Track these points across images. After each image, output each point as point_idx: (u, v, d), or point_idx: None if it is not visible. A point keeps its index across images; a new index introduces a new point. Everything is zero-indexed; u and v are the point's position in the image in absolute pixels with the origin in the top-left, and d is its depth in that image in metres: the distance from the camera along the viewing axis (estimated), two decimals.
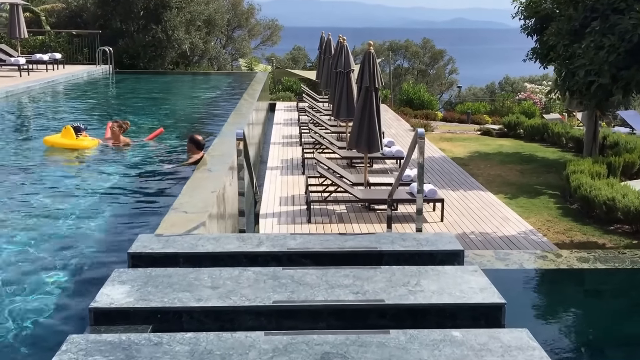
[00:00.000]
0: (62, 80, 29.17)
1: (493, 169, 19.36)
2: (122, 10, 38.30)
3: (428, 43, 69.79)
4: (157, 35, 38.28)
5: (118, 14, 38.59)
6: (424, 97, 36.89)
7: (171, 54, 39.89)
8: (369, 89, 14.31)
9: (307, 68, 56.14)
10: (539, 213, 14.96)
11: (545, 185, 17.59)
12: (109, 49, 34.20)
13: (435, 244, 6.40)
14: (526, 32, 19.87)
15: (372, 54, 14.42)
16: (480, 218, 14.26)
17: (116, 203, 11.39)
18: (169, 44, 38.83)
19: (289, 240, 6.30)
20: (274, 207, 14.79)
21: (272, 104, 32.63)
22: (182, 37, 38.98)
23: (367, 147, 14.60)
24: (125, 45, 38.30)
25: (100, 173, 13.74)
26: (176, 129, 19.42)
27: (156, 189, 12.55)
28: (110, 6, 38.39)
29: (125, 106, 24.99)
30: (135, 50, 38.13)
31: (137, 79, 34.22)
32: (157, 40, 38.46)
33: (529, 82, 58.00)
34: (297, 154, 20.50)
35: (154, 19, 38.51)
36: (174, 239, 6.31)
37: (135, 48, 38.15)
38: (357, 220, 13.89)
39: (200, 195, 8.59)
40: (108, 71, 34.30)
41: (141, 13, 38.89)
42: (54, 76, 29.11)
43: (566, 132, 23.24)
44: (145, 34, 38.69)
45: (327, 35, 26.22)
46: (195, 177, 9.80)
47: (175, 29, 38.46)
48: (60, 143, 15.79)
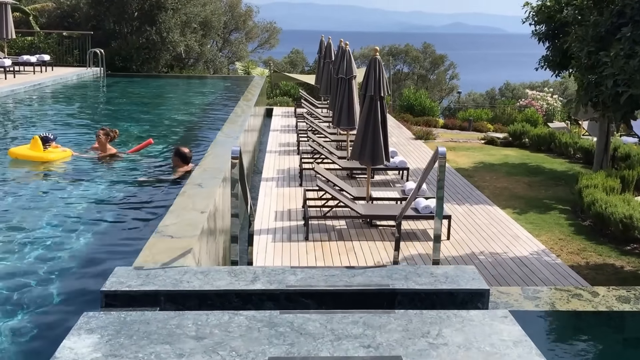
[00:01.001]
0: (49, 83, 28.29)
1: (499, 181, 18.63)
2: (115, 11, 37.57)
3: (429, 48, 69.10)
4: (152, 37, 37.55)
5: (111, 15, 37.85)
6: (425, 104, 36.21)
7: (165, 57, 39.16)
8: (374, 97, 13.56)
9: (306, 72, 55.45)
10: (550, 230, 14.22)
11: (555, 200, 16.86)
12: (100, 51, 33.39)
13: (455, 280, 5.65)
14: (538, 38, 19.12)
15: (377, 61, 13.66)
16: (489, 236, 13.51)
17: (90, 227, 10.32)
18: (163, 46, 38.09)
19: (288, 276, 5.54)
20: (269, 222, 14.03)
21: (269, 109, 31.87)
22: (177, 39, 38.25)
23: (371, 159, 13.84)
24: (118, 47, 37.57)
25: (72, 190, 12.61)
26: (166, 138, 18.63)
27: (139, 209, 11.59)
28: (103, 6, 37.64)
29: (114, 112, 24.05)
30: (129, 53, 37.36)
31: (129, 82, 33.40)
32: (151, 42, 37.74)
33: (529, 88, 57.45)
34: (294, 163, 19.74)
35: (149, 20, 37.77)
36: (156, 273, 5.54)
37: (128, 50, 37.39)
38: (358, 238, 13.13)
39: (188, 216, 7.83)
40: (99, 74, 33.48)
41: (135, 14, 38.18)
42: (41, 79, 28.24)
43: (574, 143, 22.52)
44: (139, 36, 37.97)
45: (327, 39, 25.51)
46: (184, 193, 9.03)
47: (170, 31, 37.72)
48: (26, 155, 14.56)
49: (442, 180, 6.54)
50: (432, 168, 7.09)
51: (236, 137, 14.23)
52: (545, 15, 18.46)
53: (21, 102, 24.07)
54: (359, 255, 12.10)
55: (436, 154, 6.63)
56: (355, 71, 17.99)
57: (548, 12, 18.40)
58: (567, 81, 61.06)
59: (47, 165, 14.47)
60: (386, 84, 13.79)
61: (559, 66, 18.82)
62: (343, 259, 11.92)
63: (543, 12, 18.59)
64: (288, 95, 37.30)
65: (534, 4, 19.22)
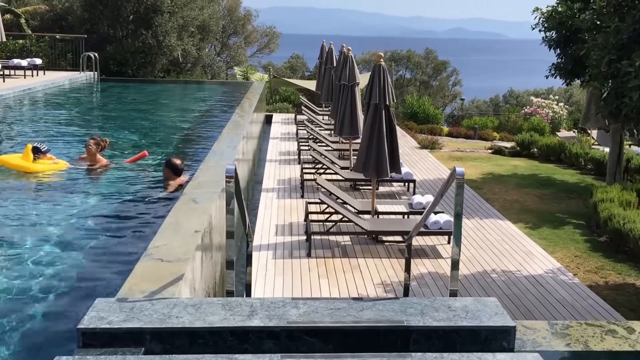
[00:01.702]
0: (40, 87, 27.68)
1: (509, 194, 18.12)
2: (110, 14, 37.00)
3: (431, 54, 68.65)
4: (147, 41, 36.99)
5: (106, 18, 37.28)
6: (429, 111, 35.75)
7: (162, 61, 38.61)
8: (379, 106, 13.04)
9: (306, 77, 55.00)
10: (565, 247, 13.70)
11: (568, 214, 16.35)
12: (94, 55, 32.83)
13: (477, 315, 5.11)
14: (548, 44, 18.59)
15: (382, 67, 13.14)
16: (501, 252, 12.99)
17: (73, 247, 9.72)
18: (159, 50, 37.54)
19: (289, 309, 5.01)
20: (269, 237, 13.50)
21: (268, 116, 31.36)
22: (174, 43, 37.68)
23: (376, 171, 13.32)
24: (113, 50, 37.03)
25: (57, 205, 11.96)
26: (160, 147, 18.10)
27: (127, 227, 11.01)
28: (97, 9, 37.04)
29: (106, 118, 23.47)
30: (124, 57, 36.80)
31: (124, 87, 32.84)
32: (147, 46, 37.17)
33: (534, 95, 57.05)
34: (295, 173, 19.23)
35: (144, 23, 37.24)
36: (141, 306, 5.01)
37: (123, 54, 36.84)
38: (363, 254, 12.61)
39: (180, 236, 7.30)
40: (92, 78, 32.91)
41: (130, 17, 37.66)
42: (31, 83, 27.63)
43: (585, 153, 22.00)
44: (134, 40, 37.43)
45: (329, 45, 25.01)
46: (177, 210, 8.49)
47: (167, 35, 37.17)
48: (14, 164, 13.96)
49: (461, 203, 6.01)
50: (449, 188, 6.54)
51: (234, 147, 13.69)
52: (556, 22, 17.94)
53: (9, 108, 23.46)
54: (365, 274, 11.58)
55: (453, 173, 6.09)
56: (358, 78, 17.50)
57: (559, 18, 17.87)
58: (572, 88, 60.68)
59: (34, 176, 13.84)
60: (392, 91, 13.28)
61: (570, 74, 18.29)
62: (348, 277, 11.40)
63: (554, 18, 18.07)
64: (288, 101, 36.81)
65: (544, 10, 18.70)
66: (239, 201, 6.42)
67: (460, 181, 5.95)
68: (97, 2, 36.89)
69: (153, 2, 36.81)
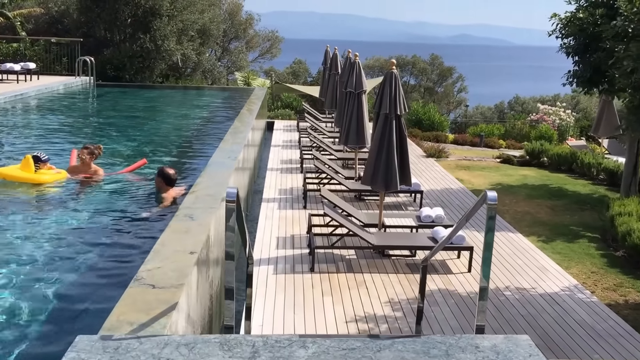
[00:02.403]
0: (33, 93, 27.12)
1: (520, 205, 17.60)
2: (107, 17, 36.49)
3: (436, 59, 68.16)
4: (145, 45, 36.47)
5: (102, 21, 36.77)
6: (434, 118, 35.20)
7: (160, 66, 38.11)
8: (389, 116, 12.52)
9: (308, 83, 54.51)
10: (581, 262, 13.17)
11: (582, 226, 15.82)
12: (89, 59, 32.31)
13: (509, 357, 4.57)
14: (566, 52, 18.03)
15: (394, 75, 12.61)
16: (513, 268, 12.47)
17: (60, 269, 9.14)
18: (158, 54, 37.04)
19: (296, 350, 4.47)
20: (269, 250, 12.99)
21: (269, 123, 30.85)
22: (173, 47, 37.17)
23: (384, 184, 12.80)
24: (110, 55, 36.52)
25: (48, 219, 11.44)
26: (157, 156, 17.59)
27: (121, 245, 10.43)
28: (94, 12, 36.53)
29: (101, 125, 22.91)
30: (121, 61, 36.30)
31: (121, 92, 32.31)
32: (145, 50, 36.66)
33: (540, 102, 56.57)
34: (297, 182, 18.72)
35: (143, 27, 36.75)
36: (127, 345, 4.48)
37: (120, 58, 36.34)
38: (369, 269, 12.10)
39: (174, 258, 6.79)
40: (88, 83, 32.38)
41: (128, 21, 37.18)
42: (24, 88, 27.09)
43: (598, 163, 21.45)
44: (132, 44, 36.92)
45: (333, 50, 24.52)
46: (171, 228, 7.97)
47: (166, 39, 36.66)
48: (16, 177, 13.41)
49: (491, 232, 5.44)
50: (475, 213, 6.01)
51: (234, 157, 13.19)
52: (576, 28, 17.37)
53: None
54: (371, 290, 11.06)
55: (484, 198, 5.53)
56: (365, 85, 17.03)
57: (580, 25, 17.30)
58: (579, 95, 60.15)
59: (38, 188, 13.33)
60: (403, 100, 12.76)
61: (588, 83, 17.74)
62: (353, 293, 10.88)
63: (574, 24, 17.50)
64: (290, 107, 36.28)
65: (562, 16, 18.14)
66: (239, 224, 5.94)
67: (492, 208, 5.38)
68: (94, 5, 36.39)
69: (152, 5, 36.33)
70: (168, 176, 12.58)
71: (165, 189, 12.59)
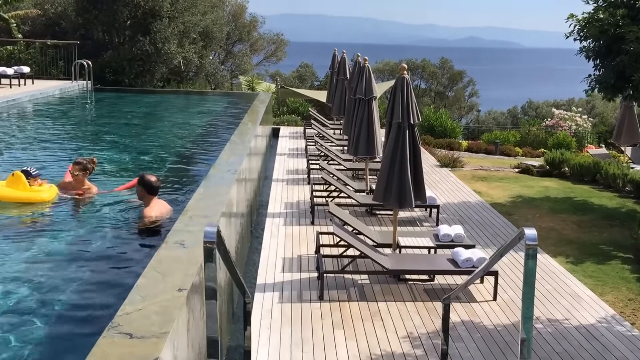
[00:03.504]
0: (26, 98, 26.21)
1: (544, 220, 16.66)
2: (105, 19, 35.66)
3: (446, 63, 67.27)
4: (145, 48, 35.60)
5: (100, 23, 35.93)
6: (446, 124, 34.34)
7: (161, 70, 37.23)
8: (402, 125, 11.61)
9: (315, 87, 53.67)
10: (616, 287, 12.23)
11: (613, 245, 14.87)
12: (86, 63, 31.44)
13: None
14: (586, 55, 17.03)
15: (406, 81, 11.72)
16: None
17: (31, 308, 8.21)
18: (158, 58, 36.16)
19: None
20: (275, 273, 12.07)
21: (275, 129, 29.96)
22: (174, 50, 36.26)
23: (398, 201, 11.88)
24: (109, 58, 35.66)
25: (30, 244, 10.55)
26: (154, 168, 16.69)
27: (102, 281, 9.41)
28: (92, 14, 35.69)
29: (96, 135, 21.97)
30: (120, 65, 35.45)
31: (119, 97, 31.45)
32: (144, 53, 35.78)
33: (554, 106, 55.77)
34: (304, 195, 17.82)
35: (142, 29, 35.92)
36: None
37: (119, 62, 35.49)
38: (384, 296, 11.16)
39: (159, 297, 5.88)
40: (85, 88, 31.48)
41: (127, 23, 36.34)
42: (17, 93, 26.18)
43: (624, 174, 20.45)
44: (131, 46, 36.04)
45: (342, 54, 23.62)
46: (158, 258, 7.05)
47: (166, 42, 35.78)
48: (6, 196, 12.24)
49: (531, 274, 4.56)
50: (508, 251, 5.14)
51: (234, 170, 12.26)
52: (597, 30, 16.36)
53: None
54: (387, 322, 10.12)
55: (521, 236, 4.64)
56: (375, 91, 16.15)
57: (601, 26, 16.30)
58: (594, 99, 59.28)
59: (36, 206, 12.31)
60: (416, 108, 11.85)
61: (612, 89, 16.75)
62: (367, 327, 9.95)
63: (593, 25, 16.51)
64: (296, 113, 35.38)
65: (580, 17, 17.16)
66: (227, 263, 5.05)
67: (531, 249, 4.47)
68: (92, 7, 35.56)
69: (151, 7, 35.50)
70: (150, 184, 11.63)
71: (147, 197, 11.65)
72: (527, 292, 4.63)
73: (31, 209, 12.19)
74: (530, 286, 4.64)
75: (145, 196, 11.64)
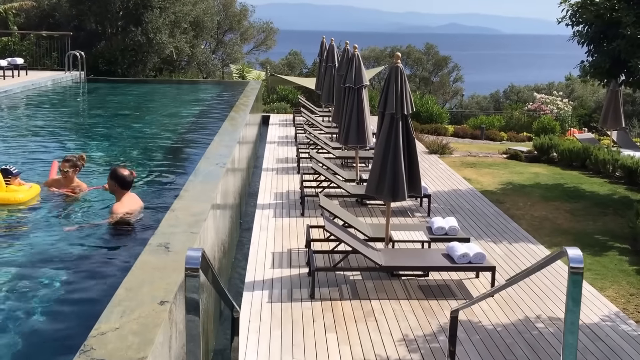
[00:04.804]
0: (18, 90, 25.16)
1: (536, 209, 15.75)
2: (97, 10, 34.63)
3: (431, 49, 66.20)
4: (137, 38, 34.54)
5: (93, 14, 34.84)
6: (432, 110, 33.37)
7: (154, 59, 36.15)
8: (395, 116, 10.66)
9: (304, 74, 52.69)
10: (616, 281, 11.32)
11: (608, 234, 13.96)
12: (79, 53, 30.41)
13: None
14: (582, 40, 16.06)
15: (400, 70, 10.75)
16: (542, 291, 10.60)
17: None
18: (150, 48, 35.10)
19: None
20: (264, 270, 11.14)
21: (265, 117, 29.01)
22: (165, 40, 35.18)
23: (392, 194, 10.94)
24: (102, 49, 34.62)
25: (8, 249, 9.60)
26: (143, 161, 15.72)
27: (83, 291, 8.45)
28: (85, 5, 34.62)
29: (87, 127, 20.92)
30: (113, 55, 34.44)
31: (112, 87, 30.41)
32: (137, 43, 34.72)
33: (534, 90, 54.94)
34: (294, 184, 16.90)
35: (134, 20, 34.85)
36: None
37: (112, 52, 34.46)
38: (377, 294, 10.24)
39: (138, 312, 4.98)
40: (78, 78, 30.43)
41: (120, 13, 35.23)
42: (10, 85, 25.14)
43: (614, 160, 19.51)
44: (124, 37, 34.99)
45: (330, 41, 22.63)
46: (140, 265, 6.12)
47: (158, 32, 34.70)
48: None
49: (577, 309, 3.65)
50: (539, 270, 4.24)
51: (223, 163, 11.32)
52: (591, 14, 15.39)
53: None
54: (382, 324, 9.19)
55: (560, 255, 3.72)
56: (365, 80, 15.14)
57: (596, 10, 15.32)
58: (573, 83, 58.40)
59: (11, 207, 11.19)
60: (410, 98, 10.89)
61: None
62: (361, 329, 9.01)
63: (588, 10, 15.53)
64: (286, 100, 34.36)
65: (574, 1, 16.19)
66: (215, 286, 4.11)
67: (576, 273, 3.56)
68: None
69: None
70: (122, 178, 10.65)
71: (119, 193, 10.68)
72: (571, 323, 3.71)
73: (5, 210, 11.17)
74: (574, 315, 3.72)
75: (118, 191, 10.67)
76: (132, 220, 10.55)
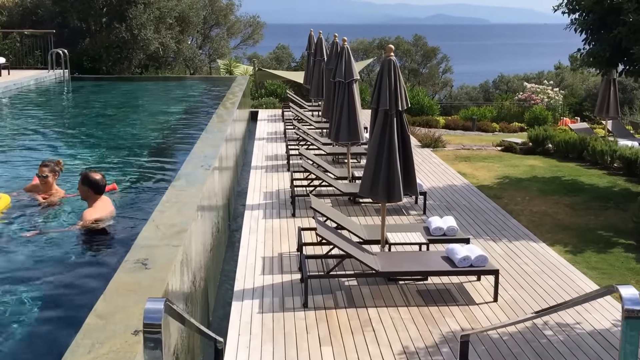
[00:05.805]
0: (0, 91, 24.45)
1: (535, 204, 15.16)
2: (80, 7, 33.75)
3: (420, 40, 65.57)
4: (122, 35, 33.76)
5: (76, 11, 34.00)
6: (423, 102, 32.77)
7: (139, 56, 35.39)
8: (389, 112, 10.02)
9: (292, 68, 52.03)
10: (623, 280, 10.75)
11: (611, 230, 13.37)
12: (63, 51, 29.66)
13: None
14: (581, 28, 15.45)
15: (393, 63, 10.13)
16: (547, 293, 9.99)
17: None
18: (135, 44, 34.31)
19: None
20: (254, 276, 10.50)
21: (253, 112, 28.35)
22: (151, 36, 34.40)
23: (387, 195, 10.31)
24: (86, 46, 33.85)
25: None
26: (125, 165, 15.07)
27: (57, 315, 7.80)
28: (68, 2, 33.77)
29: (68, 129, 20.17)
30: (97, 52, 33.65)
31: (96, 86, 29.65)
32: (121, 40, 33.94)
33: (524, 79, 54.47)
34: (284, 183, 16.27)
35: (118, 16, 34.06)
36: None
37: (97, 49, 33.68)
38: (374, 301, 9.61)
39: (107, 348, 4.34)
40: (62, 77, 29.69)
41: (104, 10, 34.46)
42: None
43: (612, 151, 18.92)
44: (108, 34, 34.22)
45: (318, 34, 21.97)
46: (114, 286, 5.50)
47: (143, 28, 33.90)
48: None
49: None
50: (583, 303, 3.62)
51: (208, 165, 10.70)
52: (591, 1, 14.78)
53: None
54: (380, 334, 8.56)
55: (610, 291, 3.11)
56: (356, 74, 14.49)
57: None
58: (563, 72, 57.91)
59: None
60: (405, 93, 10.25)
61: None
62: (358, 341, 8.38)
63: None
64: (274, 95, 33.68)
65: None
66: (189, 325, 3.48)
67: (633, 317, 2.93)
68: None
69: None
70: (95, 182, 10.08)
71: (92, 197, 10.08)
72: None
73: None
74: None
75: (92, 196, 10.09)
76: (104, 226, 9.96)
